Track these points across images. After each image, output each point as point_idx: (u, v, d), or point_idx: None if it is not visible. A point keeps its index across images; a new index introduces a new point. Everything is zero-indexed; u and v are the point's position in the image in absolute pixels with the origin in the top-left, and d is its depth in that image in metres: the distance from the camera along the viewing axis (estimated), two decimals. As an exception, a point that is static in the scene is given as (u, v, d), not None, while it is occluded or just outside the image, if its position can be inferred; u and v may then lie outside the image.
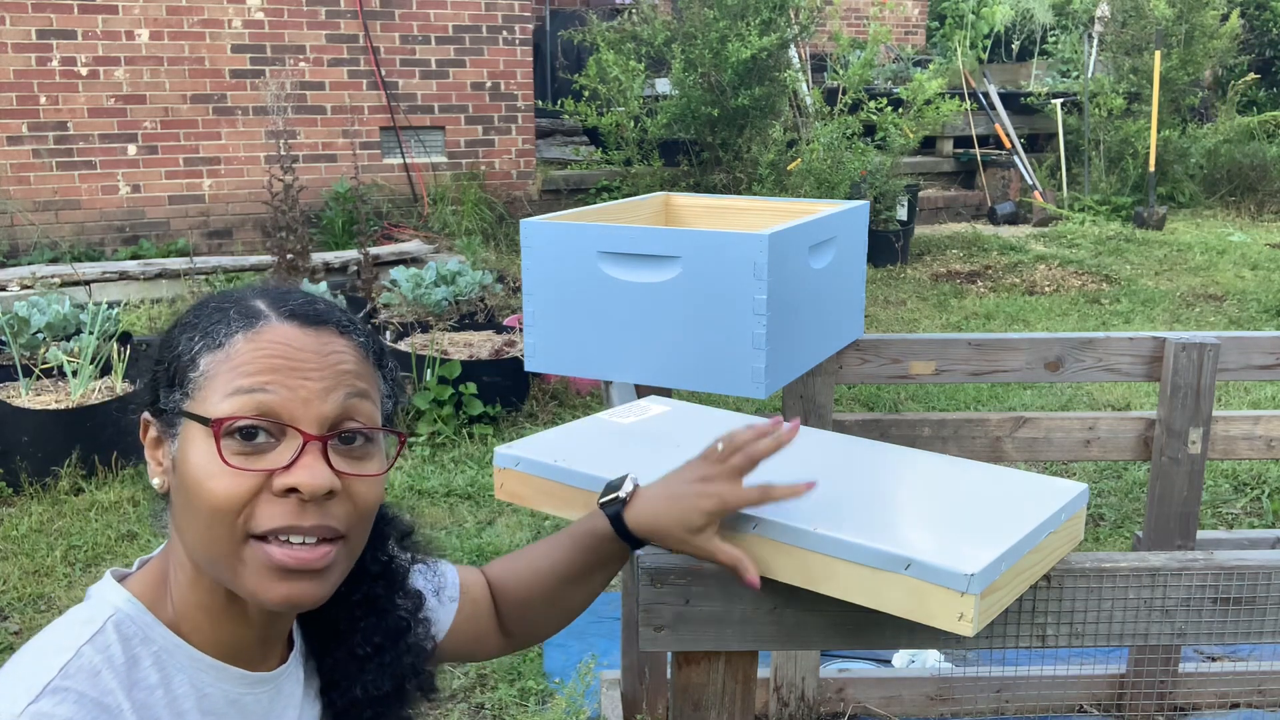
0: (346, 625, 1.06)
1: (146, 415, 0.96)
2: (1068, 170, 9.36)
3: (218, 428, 0.88)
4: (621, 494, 1.16)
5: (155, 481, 0.95)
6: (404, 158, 7.36)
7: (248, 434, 0.89)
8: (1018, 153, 9.14)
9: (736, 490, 1.12)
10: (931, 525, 1.15)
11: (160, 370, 0.95)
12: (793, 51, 8.00)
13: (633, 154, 7.40)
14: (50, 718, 0.83)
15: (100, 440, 3.86)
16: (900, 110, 7.67)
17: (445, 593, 1.19)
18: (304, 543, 0.90)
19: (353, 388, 0.93)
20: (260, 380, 0.90)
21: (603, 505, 1.17)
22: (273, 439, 0.90)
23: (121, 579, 0.98)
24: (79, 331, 4.38)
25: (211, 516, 0.89)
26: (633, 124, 7.29)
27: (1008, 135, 9.18)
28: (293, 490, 0.89)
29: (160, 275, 6.05)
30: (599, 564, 1.19)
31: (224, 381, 0.90)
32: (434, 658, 1.14)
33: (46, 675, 0.86)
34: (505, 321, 5.04)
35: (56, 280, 5.71)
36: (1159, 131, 8.85)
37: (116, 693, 0.87)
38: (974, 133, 9.18)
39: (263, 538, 0.89)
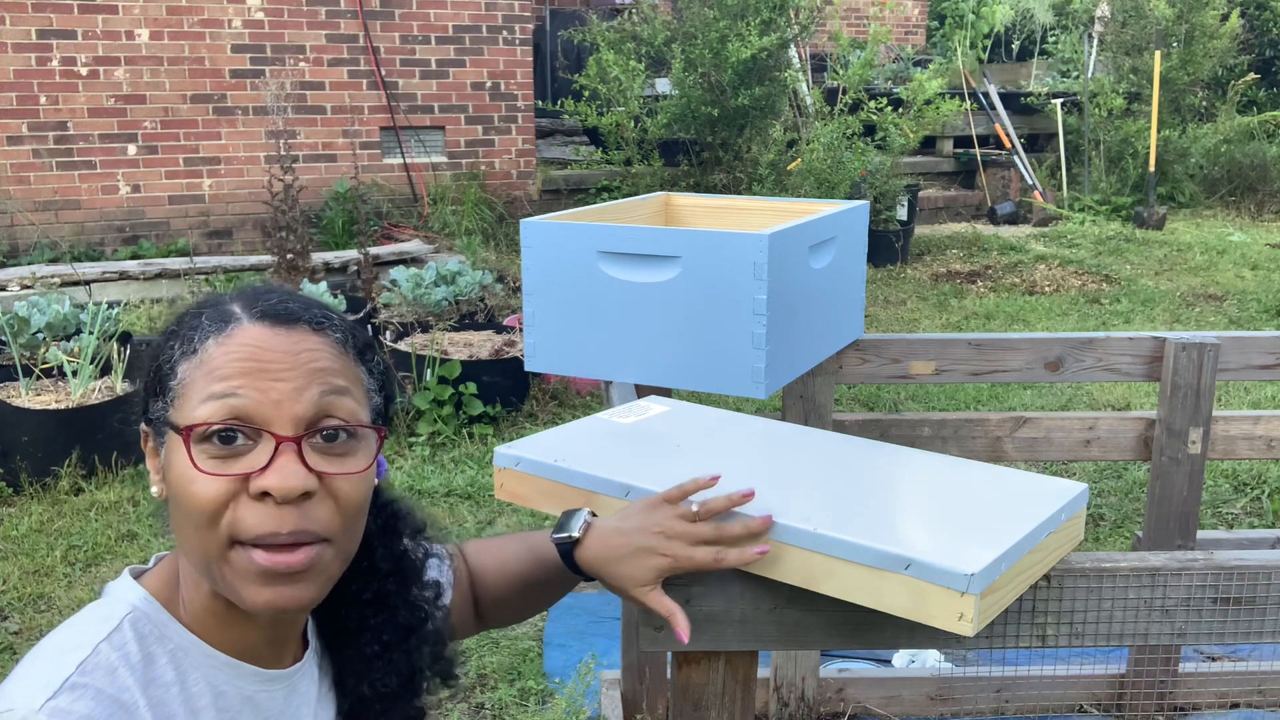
0: (356, 624, 1.06)
1: (143, 426, 0.98)
2: (1068, 170, 9.36)
3: (187, 434, 0.89)
4: (575, 534, 1.15)
5: (154, 490, 0.96)
6: (404, 158, 7.36)
7: (225, 438, 0.89)
8: (1018, 153, 9.14)
9: (692, 554, 1.11)
10: (931, 525, 1.15)
11: (149, 381, 0.96)
12: (793, 51, 8.00)
13: (633, 154, 7.40)
14: (68, 714, 0.84)
15: (100, 440, 3.86)
16: (900, 110, 7.67)
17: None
18: (285, 547, 0.90)
19: (328, 385, 0.92)
20: (232, 385, 0.89)
21: (556, 543, 1.17)
22: (250, 442, 0.89)
23: (139, 575, 0.99)
24: (79, 331, 4.38)
25: (195, 520, 0.89)
26: (633, 124, 7.29)
27: (1008, 135, 9.18)
28: (268, 494, 0.88)
29: (160, 275, 6.05)
30: (553, 585, 1.24)
31: (199, 388, 0.90)
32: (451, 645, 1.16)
33: (65, 672, 0.87)
34: (505, 321, 5.04)
35: (56, 280, 5.71)
36: (1159, 131, 8.85)
37: (133, 690, 0.88)
38: (974, 133, 9.18)
39: (246, 543, 0.89)
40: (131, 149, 6.74)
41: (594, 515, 1.18)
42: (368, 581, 1.06)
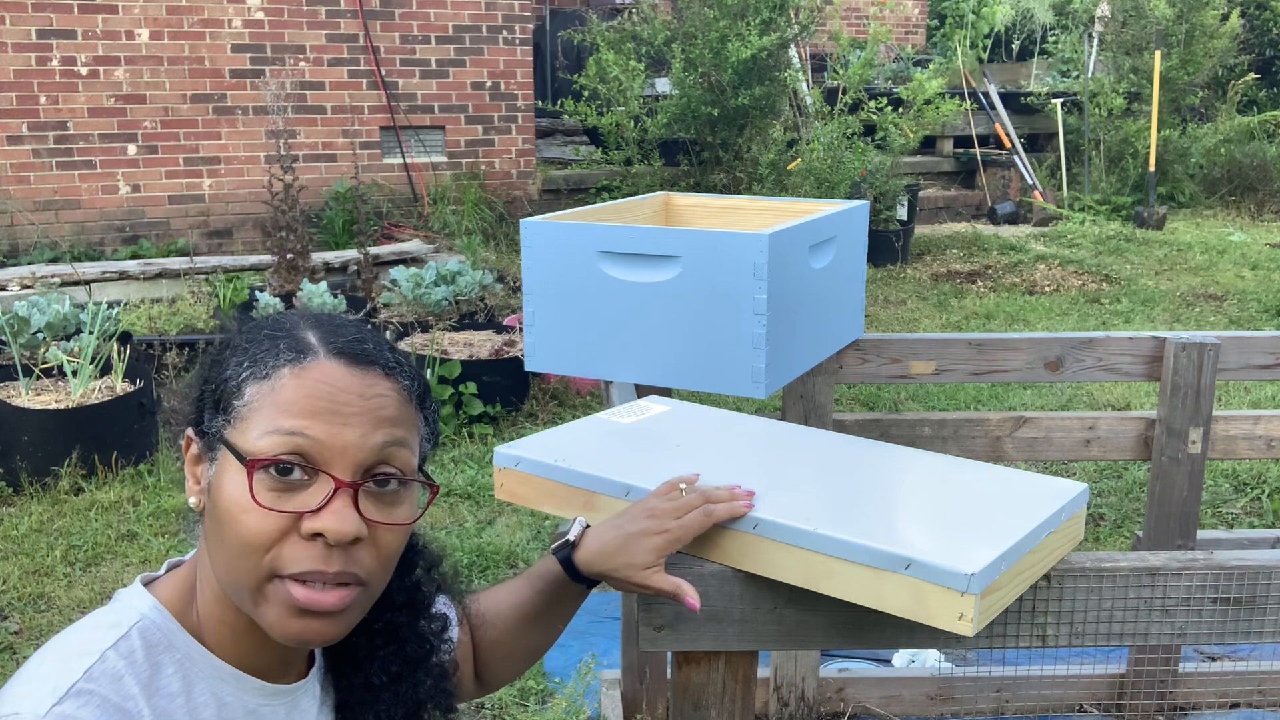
0: (366, 653, 1.06)
1: (190, 433, 0.97)
2: (1068, 170, 9.36)
3: (251, 467, 0.89)
4: (571, 537, 1.17)
5: (192, 500, 0.96)
6: (404, 157, 7.36)
7: (282, 470, 0.89)
8: (1018, 152, 9.14)
9: (683, 522, 1.13)
10: (931, 525, 1.15)
11: (207, 390, 0.95)
12: (793, 51, 8.00)
13: (633, 154, 7.40)
14: None
15: (100, 440, 3.86)
16: (900, 110, 7.67)
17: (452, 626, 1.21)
18: (324, 585, 0.90)
19: (391, 435, 0.93)
20: (301, 423, 0.89)
21: (554, 550, 1.18)
22: (306, 478, 0.90)
23: (149, 582, 0.99)
24: (79, 331, 4.38)
25: (240, 549, 0.90)
26: (633, 124, 7.29)
27: (1008, 135, 9.18)
28: (319, 535, 0.89)
29: (160, 275, 6.05)
30: (556, 604, 1.22)
31: (266, 417, 0.90)
32: (455, 679, 1.16)
33: (71, 678, 0.87)
34: (505, 321, 5.04)
35: (56, 280, 5.71)
36: (1159, 131, 8.85)
37: (138, 698, 0.88)
38: (974, 132, 9.18)
39: (285, 577, 0.90)
40: (131, 149, 6.74)
41: (589, 526, 1.20)
42: (380, 611, 1.05)
